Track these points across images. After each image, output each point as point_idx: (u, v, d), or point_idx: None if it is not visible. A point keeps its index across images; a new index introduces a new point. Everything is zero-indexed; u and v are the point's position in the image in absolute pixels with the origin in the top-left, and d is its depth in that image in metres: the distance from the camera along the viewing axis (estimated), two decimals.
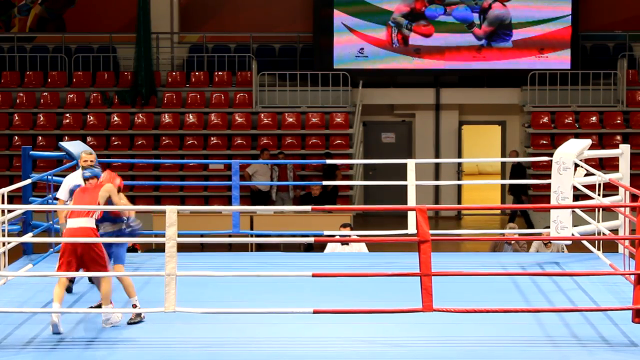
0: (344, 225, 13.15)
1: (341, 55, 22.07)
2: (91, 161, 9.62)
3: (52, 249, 11.34)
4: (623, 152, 11.60)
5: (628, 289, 8.69)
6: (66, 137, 20.88)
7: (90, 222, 8.63)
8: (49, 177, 11.23)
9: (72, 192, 9.29)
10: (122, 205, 8.97)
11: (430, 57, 22.02)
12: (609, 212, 11.56)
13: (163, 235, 8.29)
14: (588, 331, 8.35)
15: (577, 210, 10.95)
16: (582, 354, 7.84)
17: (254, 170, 19.74)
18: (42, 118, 21.97)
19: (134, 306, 8.74)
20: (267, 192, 20.09)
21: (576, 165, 11.18)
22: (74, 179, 9.64)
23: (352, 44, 22.06)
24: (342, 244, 12.66)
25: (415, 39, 21.99)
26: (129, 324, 8.64)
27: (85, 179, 8.92)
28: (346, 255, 12.18)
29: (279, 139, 21.67)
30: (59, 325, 8.33)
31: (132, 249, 13.43)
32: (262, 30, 22.96)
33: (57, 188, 11.52)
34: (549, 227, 11.51)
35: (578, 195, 11.59)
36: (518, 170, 20.79)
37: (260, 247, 17.03)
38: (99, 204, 8.77)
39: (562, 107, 21.85)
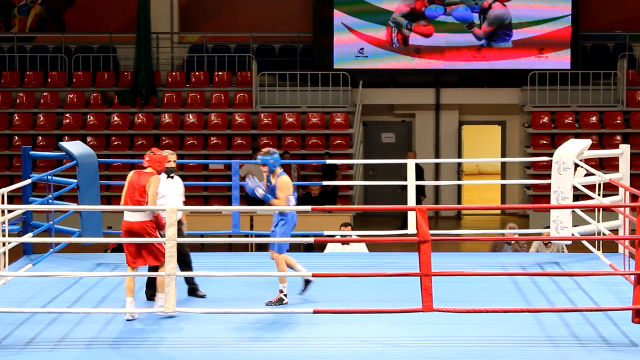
0: (345, 225, 13.16)
1: (341, 55, 22.06)
2: (174, 162, 9.63)
3: (52, 249, 11.35)
4: (623, 152, 11.60)
5: (628, 289, 8.69)
6: (66, 137, 20.88)
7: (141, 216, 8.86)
8: (49, 177, 11.23)
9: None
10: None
11: (430, 57, 22.01)
12: (609, 212, 11.56)
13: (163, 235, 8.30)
14: (588, 331, 8.36)
15: (577, 210, 10.95)
16: (582, 354, 7.84)
17: (246, 171, 19.70)
18: (42, 118, 21.97)
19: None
20: None
21: (576, 165, 11.18)
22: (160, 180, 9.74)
23: (352, 43, 22.06)
24: (342, 244, 12.66)
25: (415, 39, 21.99)
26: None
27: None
28: (346, 255, 12.19)
29: (279, 139, 21.67)
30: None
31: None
32: (262, 30, 22.96)
33: (57, 188, 11.55)
34: (549, 227, 11.51)
35: (578, 195, 11.59)
36: (418, 171, 20.39)
37: (260, 247, 17.02)
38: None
39: (562, 107, 21.84)
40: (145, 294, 9.46)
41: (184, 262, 9.56)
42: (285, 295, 9.23)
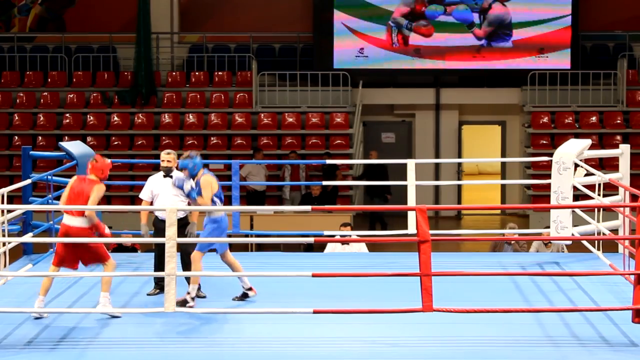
0: (344, 225, 13.15)
1: (341, 55, 22.06)
2: (167, 161, 9.67)
3: (52, 249, 11.34)
4: (623, 152, 11.60)
5: (628, 289, 8.69)
6: (66, 137, 20.87)
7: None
8: (49, 177, 11.23)
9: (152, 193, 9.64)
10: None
11: (430, 57, 22.01)
12: (609, 212, 11.56)
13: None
14: (588, 331, 8.36)
15: (577, 210, 10.95)
16: (582, 354, 7.85)
17: (247, 172, 19.75)
18: (42, 118, 21.97)
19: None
20: (262, 192, 20.15)
21: (576, 165, 11.19)
22: (157, 179, 9.81)
23: (352, 44, 22.06)
24: (342, 244, 12.66)
25: (415, 40, 21.98)
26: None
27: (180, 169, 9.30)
28: (346, 255, 12.18)
29: (279, 139, 21.67)
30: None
31: (132, 249, 13.44)
32: (262, 30, 22.96)
33: (57, 188, 11.55)
34: (549, 227, 11.51)
35: (578, 195, 11.60)
36: (379, 171, 19.89)
37: (260, 247, 17.03)
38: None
39: (562, 107, 21.84)
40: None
41: (185, 263, 9.57)
42: (192, 298, 9.05)
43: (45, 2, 23.46)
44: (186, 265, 9.55)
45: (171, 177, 9.70)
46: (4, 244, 10.06)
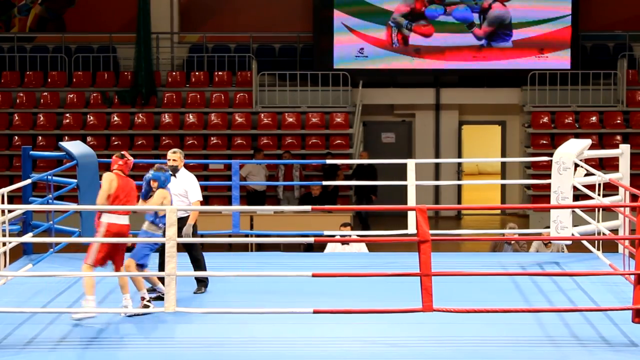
0: (344, 225, 13.15)
1: (341, 55, 22.06)
2: (173, 160, 9.76)
3: (52, 249, 11.35)
4: (623, 152, 11.61)
5: (628, 289, 8.70)
6: (66, 137, 20.87)
7: None
8: (49, 177, 11.23)
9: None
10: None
11: (430, 57, 22.01)
12: (609, 212, 11.56)
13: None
14: (588, 331, 8.36)
15: (577, 210, 10.95)
16: (582, 354, 7.85)
17: (247, 172, 19.76)
18: (42, 118, 21.97)
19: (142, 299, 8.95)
20: (263, 192, 20.15)
21: (576, 165, 11.19)
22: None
23: (352, 44, 22.05)
24: (342, 244, 12.66)
25: (415, 39, 21.98)
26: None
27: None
28: (346, 255, 12.19)
29: (279, 139, 21.67)
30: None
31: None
32: (262, 30, 22.96)
33: (57, 188, 11.55)
34: (549, 227, 11.51)
35: (578, 195, 11.60)
36: (368, 171, 19.85)
37: (260, 247, 17.03)
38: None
39: (562, 107, 21.84)
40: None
41: (194, 261, 9.67)
42: (149, 300, 8.95)
43: (45, 2, 23.46)
44: (195, 262, 9.63)
45: (176, 177, 9.76)
46: (4, 244, 10.06)
